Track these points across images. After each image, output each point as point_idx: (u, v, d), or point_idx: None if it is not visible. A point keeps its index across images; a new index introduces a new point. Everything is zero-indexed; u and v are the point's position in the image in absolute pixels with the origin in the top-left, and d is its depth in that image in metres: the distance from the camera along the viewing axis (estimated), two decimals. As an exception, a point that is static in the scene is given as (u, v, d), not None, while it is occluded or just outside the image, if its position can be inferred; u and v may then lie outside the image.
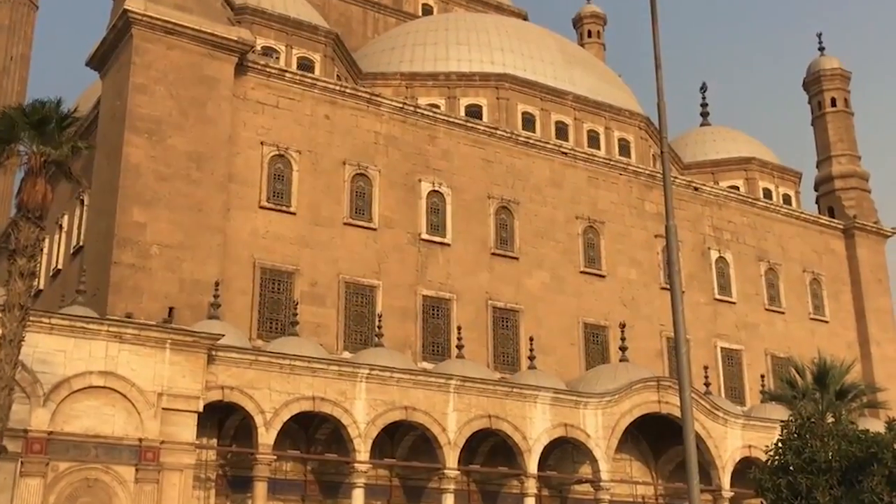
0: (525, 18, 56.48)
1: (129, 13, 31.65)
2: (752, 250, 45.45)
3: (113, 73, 33.59)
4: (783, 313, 45.58)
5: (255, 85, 34.72)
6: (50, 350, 24.51)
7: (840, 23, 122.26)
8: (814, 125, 54.28)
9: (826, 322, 47.18)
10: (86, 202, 34.59)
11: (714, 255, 43.99)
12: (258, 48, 37.21)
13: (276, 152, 34.47)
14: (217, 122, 32.71)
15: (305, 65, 39.60)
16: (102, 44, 33.84)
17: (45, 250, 36.18)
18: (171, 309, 29.69)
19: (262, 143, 34.24)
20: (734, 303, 44.02)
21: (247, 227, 33.15)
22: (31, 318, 21.74)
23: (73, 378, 24.79)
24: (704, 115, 56.27)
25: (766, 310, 45.06)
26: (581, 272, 39.92)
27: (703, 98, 56.77)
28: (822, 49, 55.12)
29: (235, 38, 33.39)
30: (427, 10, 53.93)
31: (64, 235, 37.26)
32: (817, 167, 53.61)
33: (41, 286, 36.93)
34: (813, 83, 54.32)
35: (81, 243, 34.28)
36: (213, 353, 27.11)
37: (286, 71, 35.89)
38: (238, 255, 32.61)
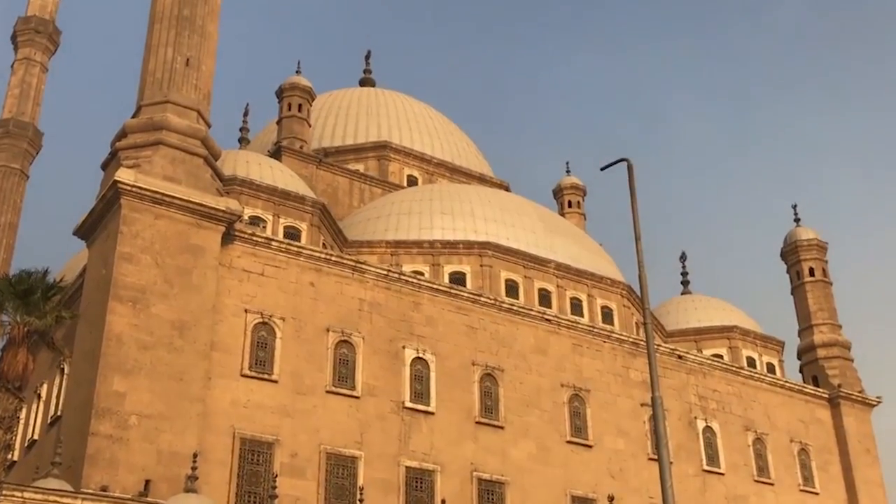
0: (507, 189, 57.83)
1: (119, 184, 32.15)
2: (738, 420, 45.08)
3: (100, 242, 33.83)
4: (772, 485, 44.80)
5: (241, 253, 35.01)
6: (20, 526, 23.58)
7: (815, 193, 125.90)
8: (793, 294, 54.92)
9: (816, 494, 46.34)
10: (66, 371, 34.15)
11: (701, 424, 43.58)
12: (246, 217, 37.75)
13: (260, 320, 34.42)
14: (202, 291, 32.76)
15: (292, 233, 40.13)
16: (91, 213, 34.21)
17: (22, 420, 35.38)
18: (147, 482, 28.87)
19: (246, 311, 34.22)
20: (723, 474, 43.29)
21: (227, 395, 32.69)
22: (4, 493, 21.09)
23: (42, 556, 23.78)
24: (685, 283, 56.99)
25: (756, 481, 44.31)
26: (567, 442, 39.34)
27: (683, 266, 57.74)
28: (797, 220, 56.46)
29: (223, 209, 33.87)
30: (412, 181, 55.21)
31: (42, 405, 36.58)
32: (799, 336, 53.92)
33: (16, 457, 35.90)
34: (790, 253, 55.31)
35: (59, 413, 33.62)
36: (189, 528, 26.16)
37: (272, 239, 36.29)
38: (218, 425, 32.00)
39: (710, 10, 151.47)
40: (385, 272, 38.10)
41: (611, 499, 36.55)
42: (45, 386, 36.53)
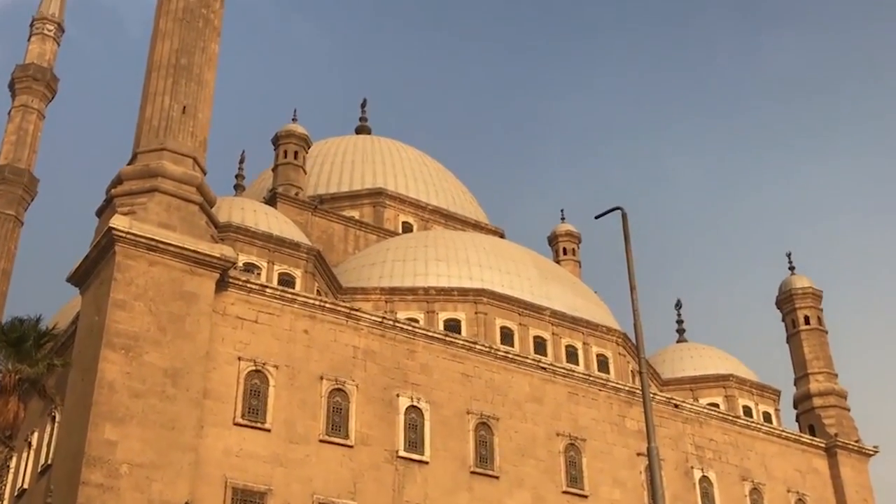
0: (502, 236, 57.94)
1: (114, 230, 32.09)
2: (735, 469, 44.67)
3: (93, 289, 33.68)
4: (771, 537, 44.27)
5: (235, 300, 34.87)
6: (6, 578, 23.23)
7: (809, 241, 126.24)
8: (789, 343, 54.74)
9: (815, 544, 45.81)
10: (57, 419, 33.79)
11: (697, 474, 43.16)
12: (240, 264, 37.70)
13: (254, 367, 34.19)
14: (195, 338, 32.57)
15: (286, 280, 40.07)
16: (85, 260, 34.07)
17: (12, 469, 34.96)
18: (137, 532, 28.45)
19: (239, 359, 34.01)
20: (720, 524, 42.80)
21: (220, 444, 32.37)
22: (-10, 545, 20.78)
23: None
24: (680, 331, 56.87)
25: (753, 532, 43.80)
26: (563, 492, 38.89)
27: (679, 314, 57.63)
28: (792, 268, 56.40)
29: (218, 255, 33.80)
30: (407, 228, 55.31)
31: (32, 453, 36.14)
32: (795, 384, 53.66)
33: (3, 507, 35.50)
34: (785, 301, 55.21)
35: (50, 462, 33.20)
36: (179, 580, 25.75)
37: (266, 286, 36.19)
38: (209, 474, 31.63)
39: (704, 57, 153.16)
40: (379, 319, 37.95)
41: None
42: (35, 434, 36.14)
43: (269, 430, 33.54)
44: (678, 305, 58.07)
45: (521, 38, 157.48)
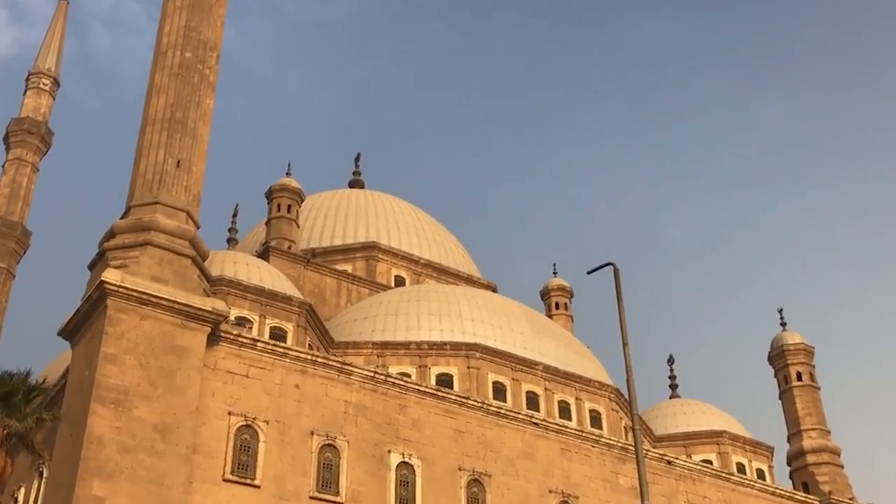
0: (494, 290, 57.93)
1: (105, 284, 32.02)
2: (729, 527, 44.18)
3: (84, 343, 33.49)
4: None
5: (226, 354, 34.68)
6: None
7: (802, 296, 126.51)
8: (781, 399, 54.60)
9: None
10: (45, 474, 33.38)
11: (691, 531, 42.71)
12: (232, 318, 37.58)
13: (244, 422, 33.89)
14: (185, 392, 32.32)
15: (278, 334, 39.93)
16: (76, 314, 33.94)
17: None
18: (123, 591, 27.98)
19: (229, 413, 33.73)
20: (715, 584, 42.26)
21: (209, 501, 31.96)
22: None
23: None
24: (673, 386, 56.65)
25: (749, 592, 43.22)
26: (555, 550, 38.43)
27: (671, 370, 57.47)
28: (783, 324, 56.44)
29: (210, 309, 33.71)
30: (399, 282, 55.30)
31: (18, 509, 35.72)
32: (788, 441, 53.42)
33: (-13, 564, 34.93)
34: (777, 358, 55.16)
35: (36, 518, 32.83)
36: None
37: (258, 340, 36.02)
38: (198, 531, 31.20)
39: (695, 112, 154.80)
40: (371, 374, 37.73)
41: None
42: (22, 490, 35.69)
43: (258, 487, 33.15)
44: (671, 361, 58.02)
45: (515, 96, 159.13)
